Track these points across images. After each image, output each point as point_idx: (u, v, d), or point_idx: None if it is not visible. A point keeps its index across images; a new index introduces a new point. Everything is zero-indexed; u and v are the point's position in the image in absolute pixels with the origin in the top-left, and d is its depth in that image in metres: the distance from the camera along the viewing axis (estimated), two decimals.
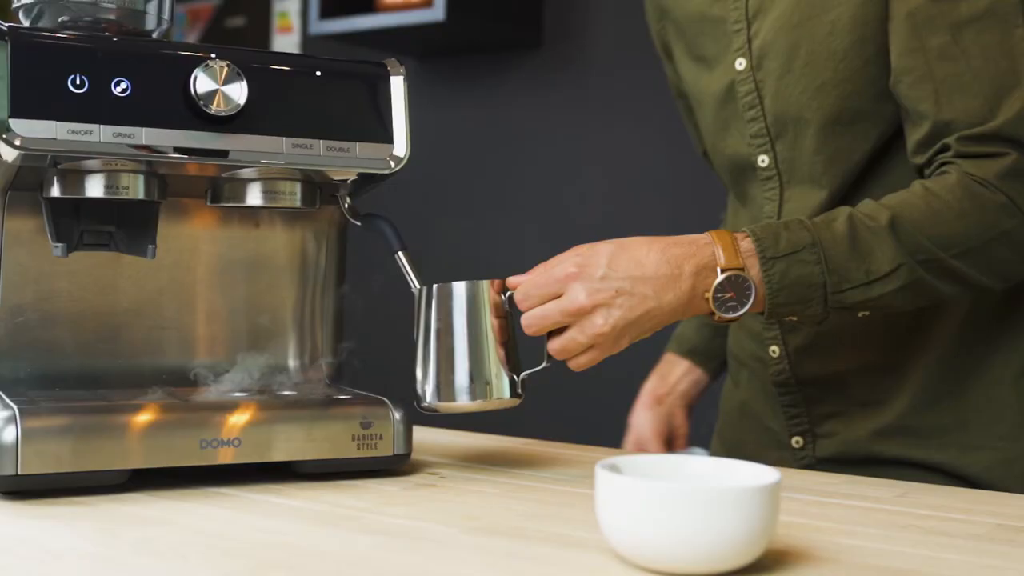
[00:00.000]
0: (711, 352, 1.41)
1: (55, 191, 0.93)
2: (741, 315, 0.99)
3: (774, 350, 1.19)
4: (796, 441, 1.20)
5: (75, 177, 0.93)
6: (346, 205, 1.04)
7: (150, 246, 0.98)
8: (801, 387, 1.19)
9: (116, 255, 1.02)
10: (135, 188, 0.94)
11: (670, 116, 1.79)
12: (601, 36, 2.54)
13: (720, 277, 0.98)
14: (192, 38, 3.29)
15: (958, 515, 0.88)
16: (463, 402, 0.97)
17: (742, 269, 0.99)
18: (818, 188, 1.13)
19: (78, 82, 0.89)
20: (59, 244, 0.95)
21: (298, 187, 1.00)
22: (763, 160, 1.16)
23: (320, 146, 0.97)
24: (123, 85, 0.90)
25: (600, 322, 0.96)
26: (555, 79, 2.59)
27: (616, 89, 2.52)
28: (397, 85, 1.01)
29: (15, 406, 0.87)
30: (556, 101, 2.59)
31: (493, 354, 0.97)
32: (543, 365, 0.99)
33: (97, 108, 0.89)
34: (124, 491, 0.88)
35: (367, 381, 1.08)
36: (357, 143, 0.98)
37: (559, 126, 2.60)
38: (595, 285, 0.96)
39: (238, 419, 0.92)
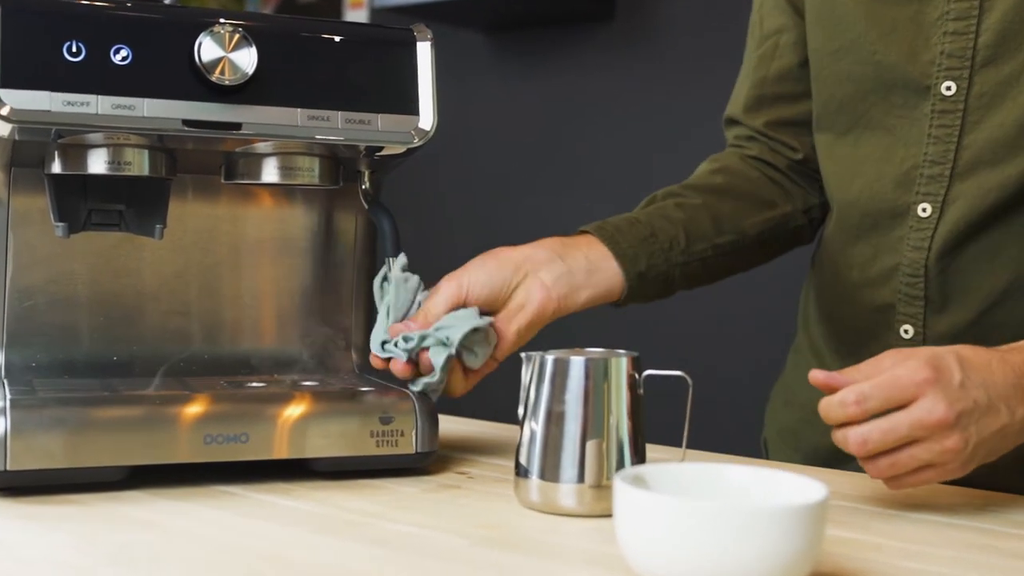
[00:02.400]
0: (647, 275, 1.01)
1: (56, 167, 0.87)
2: None
3: (906, 330, 0.98)
4: None
5: (77, 152, 0.87)
6: (365, 184, 0.96)
7: (158, 226, 0.91)
8: None
9: (132, 235, 0.96)
10: (140, 164, 0.88)
11: None
12: (676, 7, 2.43)
13: None
14: None
15: None
16: (568, 505, 0.79)
17: None
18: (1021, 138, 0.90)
19: (74, 49, 0.82)
20: (61, 224, 0.89)
21: (317, 163, 0.93)
22: (948, 87, 0.92)
23: (338, 118, 0.89)
24: (123, 53, 0.83)
25: (956, 438, 0.75)
26: (627, 52, 2.48)
27: (691, 63, 2.41)
28: (423, 52, 0.93)
29: (7, 396, 0.82)
30: (628, 75, 2.49)
31: (614, 451, 0.79)
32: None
33: (95, 77, 0.82)
34: (123, 488, 0.82)
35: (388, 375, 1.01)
36: (379, 115, 0.91)
37: (631, 101, 2.50)
38: (955, 394, 0.76)
39: (245, 413, 0.86)
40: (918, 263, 0.96)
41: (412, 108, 0.92)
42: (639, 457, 0.81)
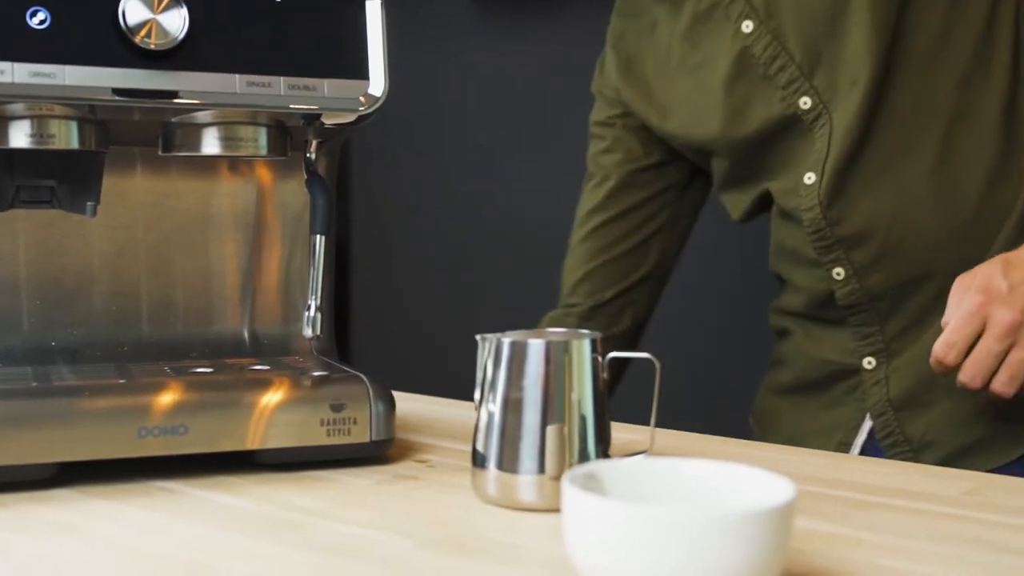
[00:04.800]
0: None
1: None
2: None
3: (838, 272, 1.12)
4: (868, 362, 1.13)
5: None
6: (310, 154, 0.90)
7: (89, 203, 0.86)
8: (873, 302, 1.12)
9: (66, 213, 0.90)
10: (66, 136, 0.81)
11: None
12: None
13: None
14: None
15: None
16: (527, 499, 0.73)
17: None
18: (854, 85, 1.08)
19: None
20: None
21: (262, 133, 0.87)
22: (805, 102, 1.11)
23: (280, 84, 0.83)
24: (40, 15, 0.77)
25: None
26: None
27: None
28: (373, 11, 0.86)
29: None
30: None
31: (576, 440, 0.74)
32: (645, 452, 0.79)
33: (9, 43, 0.76)
34: (52, 487, 0.77)
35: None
36: (325, 80, 0.84)
37: None
38: (1010, 299, 0.93)
39: (183, 402, 0.80)
40: (817, 219, 1.11)
41: (361, 72, 0.85)
42: (603, 446, 0.75)
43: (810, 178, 1.11)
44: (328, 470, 0.83)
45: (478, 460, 0.76)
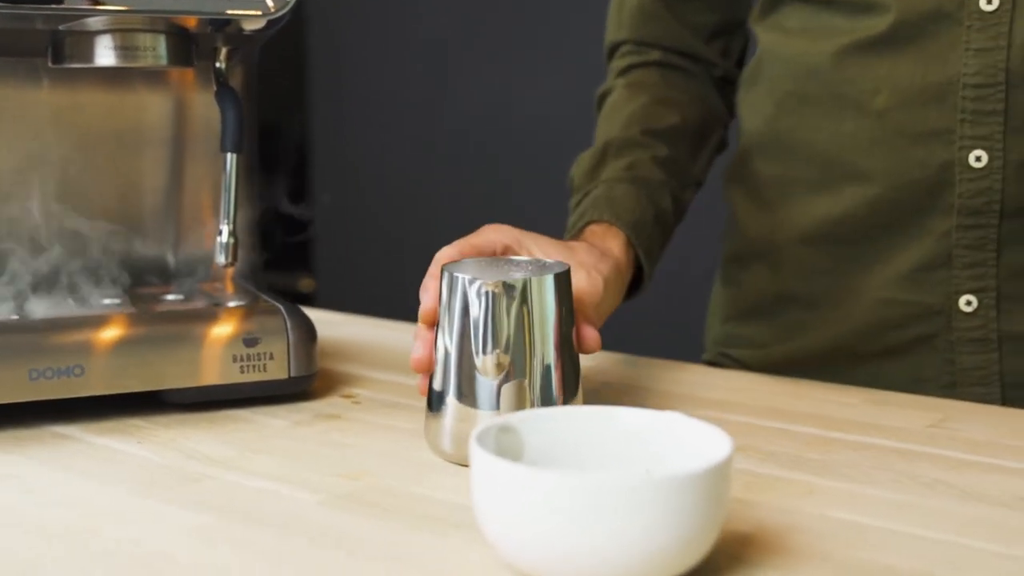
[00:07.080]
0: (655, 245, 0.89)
1: None
2: None
3: (979, 156, 0.81)
4: (967, 302, 0.84)
5: None
6: (219, 63, 0.82)
7: None
8: (1014, 217, 0.82)
9: None
10: None
11: None
12: None
13: None
14: None
15: (1007, 460, 0.66)
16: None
17: None
18: None
19: None
20: None
21: (162, 41, 0.78)
22: None
23: None
24: None
25: None
26: None
27: None
28: None
29: None
30: None
31: (538, 388, 0.65)
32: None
33: None
34: None
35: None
36: None
37: None
38: None
39: (79, 340, 0.73)
40: (993, 67, 0.79)
41: None
42: (569, 394, 0.66)
43: (992, 2, 0.80)
44: (244, 409, 0.77)
45: (433, 402, 0.67)
